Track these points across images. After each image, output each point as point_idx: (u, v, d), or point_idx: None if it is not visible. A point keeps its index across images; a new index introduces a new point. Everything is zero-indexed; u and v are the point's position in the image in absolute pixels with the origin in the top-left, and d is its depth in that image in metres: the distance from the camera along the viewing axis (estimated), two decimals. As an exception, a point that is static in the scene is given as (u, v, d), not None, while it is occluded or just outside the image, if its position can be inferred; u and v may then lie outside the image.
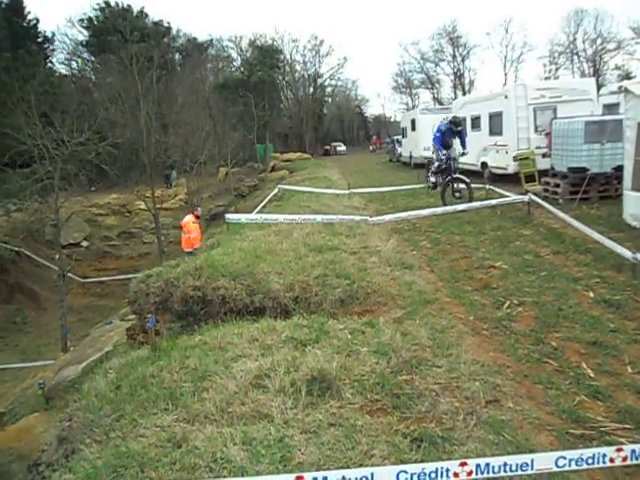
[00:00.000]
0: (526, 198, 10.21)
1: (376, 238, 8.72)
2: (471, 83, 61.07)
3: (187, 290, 6.16)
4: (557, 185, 11.63)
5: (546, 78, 50.17)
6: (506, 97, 15.53)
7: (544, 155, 13.60)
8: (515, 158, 14.39)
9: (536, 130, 14.83)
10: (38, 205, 21.14)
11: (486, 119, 17.04)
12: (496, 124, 16.30)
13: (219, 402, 3.35)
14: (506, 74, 57.74)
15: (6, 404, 9.62)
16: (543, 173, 12.93)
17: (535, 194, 10.64)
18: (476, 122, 17.81)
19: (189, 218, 12.26)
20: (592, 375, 4.04)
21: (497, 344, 4.73)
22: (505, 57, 57.64)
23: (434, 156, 13.01)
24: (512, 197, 10.84)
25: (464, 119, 19.00)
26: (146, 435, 3.11)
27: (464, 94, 54.86)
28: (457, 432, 3.11)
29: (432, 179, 13.12)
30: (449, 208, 10.54)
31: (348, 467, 2.65)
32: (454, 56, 60.43)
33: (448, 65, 61.53)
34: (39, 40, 41.20)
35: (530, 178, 13.59)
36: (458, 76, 61.12)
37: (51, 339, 18.92)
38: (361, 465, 2.69)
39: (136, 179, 24.27)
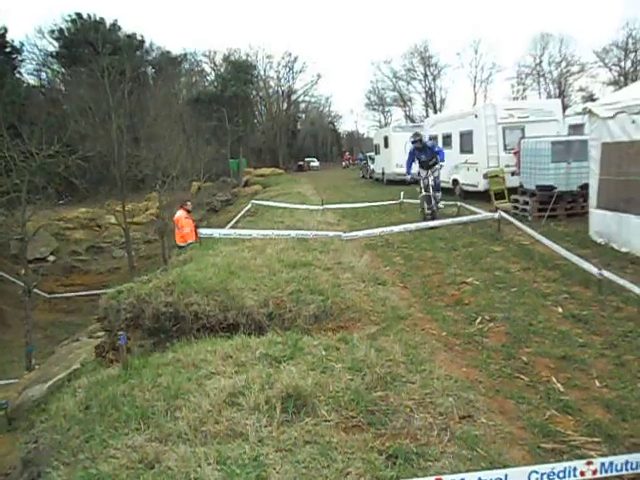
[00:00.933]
0: (496, 215, 10.41)
1: (350, 254, 8.76)
2: (442, 101, 62.61)
3: (159, 306, 6.06)
4: (526, 202, 11.92)
5: (514, 98, 51.85)
6: (476, 116, 15.92)
7: (513, 173, 13.95)
8: (485, 176, 14.74)
9: (505, 149, 15.22)
10: (3, 218, 20.56)
11: (457, 137, 17.42)
12: (467, 142, 16.67)
13: (192, 421, 3.30)
14: (476, 93, 59.51)
15: (-35, 425, 9.22)
16: (512, 191, 13.25)
17: (505, 211, 10.87)
18: (447, 140, 18.18)
19: (180, 213, 12.23)
20: (562, 389, 4.12)
21: (470, 359, 4.78)
22: (475, 77, 59.52)
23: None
24: (483, 214, 11.05)
25: (435, 137, 19.44)
26: (117, 456, 3.03)
27: (435, 112, 56.12)
28: (431, 448, 3.13)
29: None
30: (421, 224, 10.68)
31: (324, 485, 2.64)
32: (425, 75, 61.95)
33: (420, 84, 63.05)
34: (7, 50, 40.45)
35: (500, 195, 13.93)
36: (429, 94, 62.57)
37: (14, 357, 18.26)
38: (337, 483, 2.67)
39: (106, 193, 23.90)
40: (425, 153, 12.66)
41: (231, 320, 5.84)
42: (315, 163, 58.14)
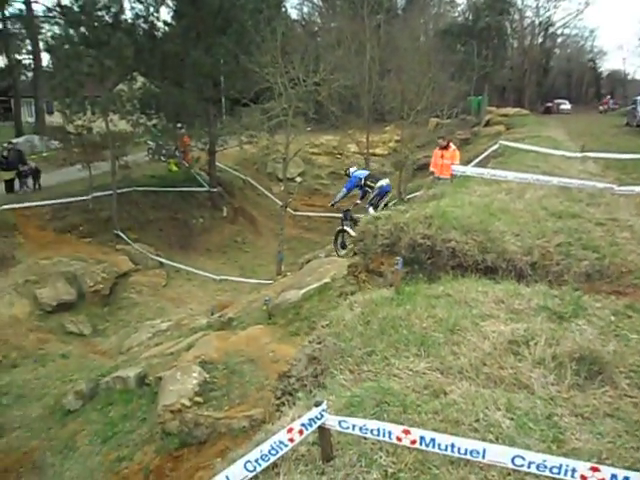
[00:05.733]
0: None
1: (625, 211, 7.59)
2: None
3: (416, 237, 6.06)
4: None
5: None
6: None
7: None
8: None
9: None
10: (267, 140, 23.14)
11: None
12: None
13: (473, 360, 3.21)
14: None
15: (235, 311, 11.01)
16: None
17: None
18: None
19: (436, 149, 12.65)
20: None
21: None
22: None
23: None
24: None
25: None
26: (400, 376, 3.12)
27: None
28: None
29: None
30: None
31: (637, 469, 2.30)
32: None
33: None
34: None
35: None
36: None
37: (263, 261, 21.13)
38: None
39: (352, 122, 24.97)
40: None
41: (489, 263, 5.58)
42: (566, 106, 51.73)
